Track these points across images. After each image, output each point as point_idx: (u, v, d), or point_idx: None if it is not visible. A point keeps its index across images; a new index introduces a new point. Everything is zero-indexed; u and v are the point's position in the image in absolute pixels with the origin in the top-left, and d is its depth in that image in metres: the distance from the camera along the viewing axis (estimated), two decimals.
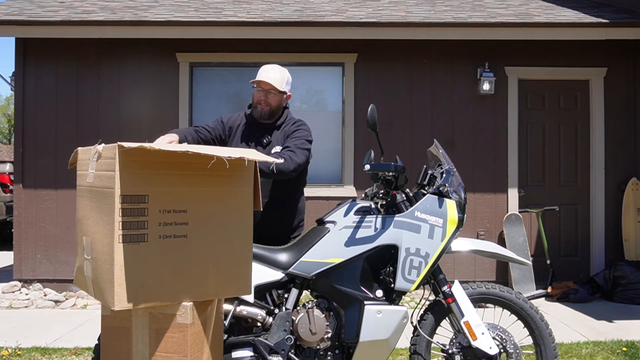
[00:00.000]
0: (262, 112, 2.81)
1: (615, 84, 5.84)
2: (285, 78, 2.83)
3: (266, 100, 2.79)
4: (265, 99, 2.78)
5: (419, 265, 2.35)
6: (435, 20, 5.45)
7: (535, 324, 2.48)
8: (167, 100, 5.79)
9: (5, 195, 9.06)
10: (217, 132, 2.85)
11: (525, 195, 5.82)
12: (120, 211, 1.71)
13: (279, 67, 2.86)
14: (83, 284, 1.97)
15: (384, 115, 5.61)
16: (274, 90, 2.78)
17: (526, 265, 3.90)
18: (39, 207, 5.69)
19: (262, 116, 2.82)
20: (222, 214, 1.96)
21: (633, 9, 5.78)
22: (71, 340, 4.04)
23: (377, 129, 2.37)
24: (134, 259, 1.75)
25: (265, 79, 2.76)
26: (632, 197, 5.69)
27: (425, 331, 2.48)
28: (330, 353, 2.40)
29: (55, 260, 5.67)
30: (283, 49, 5.74)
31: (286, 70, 2.88)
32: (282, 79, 2.80)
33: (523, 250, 5.49)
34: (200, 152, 1.75)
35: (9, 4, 5.91)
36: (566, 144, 5.95)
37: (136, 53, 5.78)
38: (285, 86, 2.84)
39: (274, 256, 2.44)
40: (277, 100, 2.81)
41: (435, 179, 2.51)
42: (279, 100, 2.83)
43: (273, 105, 2.80)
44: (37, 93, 5.74)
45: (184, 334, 1.83)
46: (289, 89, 2.88)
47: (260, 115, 2.82)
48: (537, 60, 5.84)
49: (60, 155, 5.56)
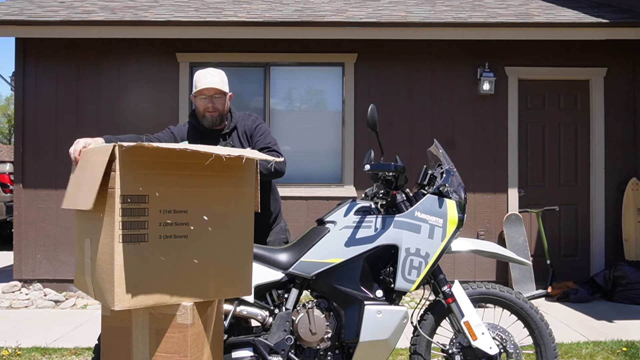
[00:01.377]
0: (212, 119, 2.73)
1: (615, 84, 5.84)
2: (224, 79, 2.77)
3: (214, 106, 2.71)
4: (212, 105, 2.70)
5: (419, 265, 2.35)
6: (435, 20, 5.45)
7: (535, 324, 2.48)
8: (167, 100, 5.79)
9: (5, 195, 9.06)
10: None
11: (525, 195, 5.82)
12: (120, 211, 1.71)
13: (215, 69, 2.78)
14: (83, 285, 1.97)
15: (384, 115, 5.61)
16: (218, 93, 2.71)
17: (526, 265, 3.90)
18: (39, 207, 5.69)
19: (213, 123, 2.74)
20: (222, 215, 1.96)
21: (633, 9, 5.78)
22: (71, 340, 4.04)
23: (377, 129, 2.37)
24: (134, 259, 1.75)
25: (207, 86, 2.68)
26: (632, 197, 5.69)
27: (425, 331, 2.48)
28: (330, 353, 2.40)
29: (55, 260, 5.67)
30: (283, 49, 5.74)
31: (222, 70, 2.81)
32: (222, 81, 2.74)
33: (523, 250, 5.49)
34: (199, 150, 1.75)
35: (9, 4, 5.91)
36: (566, 144, 5.95)
37: (136, 53, 5.78)
38: (226, 86, 2.78)
39: (274, 256, 2.44)
40: (223, 103, 2.75)
41: (435, 179, 2.51)
42: (224, 102, 2.76)
43: (220, 109, 2.73)
44: (37, 93, 5.74)
45: (184, 334, 1.83)
46: (228, 88, 2.81)
47: (212, 123, 2.74)
48: (537, 60, 5.84)
49: (60, 155, 5.56)
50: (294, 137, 5.80)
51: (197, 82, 2.71)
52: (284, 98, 5.91)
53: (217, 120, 2.75)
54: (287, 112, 5.88)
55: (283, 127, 5.80)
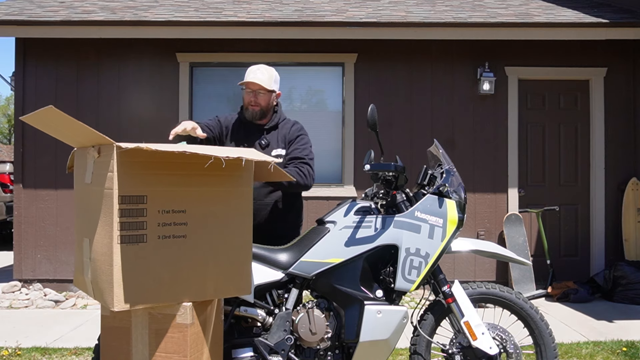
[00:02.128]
0: (253, 112, 2.82)
1: (615, 84, 5.84)
2: (272, 77, 2.84)
3: (256, 101, 2.80)
4: (254, 99, 2.80)
5: (419, 265, 2.35)
6: (435, 20, 5.45)
7: (535, 324, 2.48)
8: (167, 100, 5.79)
9: (5, 195, 9.06)
10: (216, 131, 2.87)
11: (525, 195, 5.82)
12: (118, 212, 1.71)
13: (266, 66, 2.87)
14: (82, 285, 1.97)
15: (384, 115, 5.61)
16: (262, 90, 2.79)
17: (526, 265, 3.90)
18: (39, 207, 5.69)
19: (253, 117, 2.84)
20: (221, 214, 1.96)
21: (633, 9, 5.78)
22: (71, 340, 4.04)
23: (377, 129, 2.37)
24: (133, 259, 1.75)
25: (252, 80, 2.78)
26: (632, 197, 5.69)
27: (425, 331, 2.48)
28: (330, 353, 2.40)
29: (55, 260, 5.67)
30: (283, 49, 5.74)
31: (273, 69, 2.89)
32: (269, 78, 2.82)
33: (523, 250, 5.49)
34: (198, 152, 1.75)
35: (9, 4, 5.91)
36: (566, 144, 5.94)
37: (136, 53, 5.78)
38: (274, 84, 2.85)
39: (274, 256, 2.43)
40: (267, 100, 2.82)
41: (435, 179, 2.51)
42: (269, 99, 2.84)
43: (263, 105, 2.82)
44: (37, 93, 5.74)
45: (184, 334, 1.83)
46: (277, 87, 2.89)
47: (252, 116, 2.84)
48: (537, 60, 5.83)
49: (60, 155, 5.56)
50: None
51: (247, 74, 2.82)
52: (284, 98, 5.90)
53: (257, 115, 2.83)
54: (287, 112, 5.78)
55: None
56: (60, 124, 1.76)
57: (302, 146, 2.82)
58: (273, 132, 2.88)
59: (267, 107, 2.84)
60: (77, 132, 1.79)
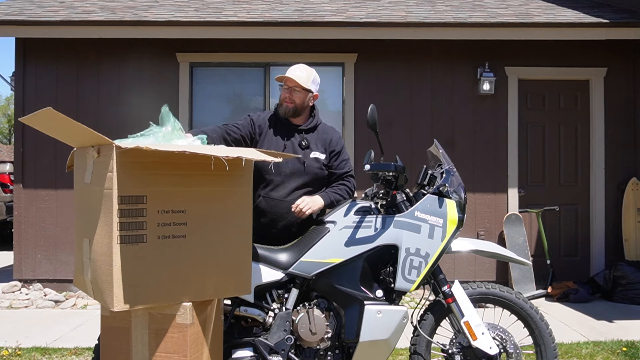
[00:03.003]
0: (286, 108, 2.81)
1: (615, 84, 5.84)
2: (311, 77, 2.84)
3: (290, 97, 2.80)
4: (289, 96, 2.80)
5: (419, 265, 2.35)
6: (435, 20, 5.45)
7: (535, 324, 2.48)
8: (167, 100, 5.74)
9: (5, 195, 9.06)
10: (246, 130, 2.82)
11: (525, 195, 5.82)
12: (118, 212, 1.71)
13: (306, 66, 2.88)
14: (82, 285, 1.97)
15: (384, 115, 5.60)
16: (298, 87, 2.79)
17: (526, 265, 3.90)
18: (39, 207, 5.69)
19: (286, 113, 2.82)
20: (221, 214, 1.96)
21: (633, 9, 5.78)
22: (71, 340, 4.04)
23: (377, 129, 2.37)
24: (132, 259, 1.75)
25: (290, 76, 2.78)
26: (632, 197, 5.69)
27: (425, 331, 2.48)
28: (330, 353, 2.40)
29: (55, 260, 5.67)
30: (283, 49, 5.73)
31: (314, 70, 2.89)
32: (307, 78, 2.82)
33: (523, 250, 5.49)
34: (198, 152, 1.75)
35: (9, 4, 5.91)
36: (566, 144, 5.94)
37: (136, 53, 5.78)
38: (312, 85, 2.84)
39: (274, 256, 2.43)
40: (302, 98, 2.81)
41: (435, 179, 2.51)
42: (304, 98, 2.82)
43: (297, 102, 2.81)
44: (37, 93, 5.74)
45: (184, 334, 1.83)
46: (315, 88, 2.89)
47: (285, 112, 2.82)
48: (537, 60, 5.83)
49: (60, 155, 5.56)
50: None
51: (287, 72, 2.82)
52: None
53: (290, 112, 2.82)
54: None
55: None
56: (59, 125, 1.76)
57: (345, 160, 2.85)
58: (312, 134, 2.86)
59: (301, 105, 2.82)
60: (76, 132, 1.80)
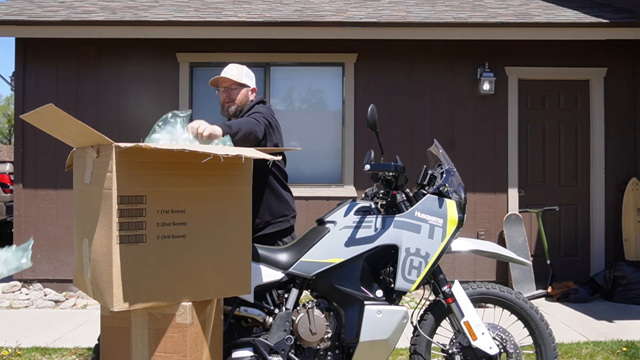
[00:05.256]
0: (229, 109, 2.80)
1: (615, 84, 5.84)
2: (243, 72, 2.82)
3: (229, 96, 2.78)
4: (228, 95, 2.78)
5: (419, 265, 2.35)
6: (435, 20, 5.45)
7: (535, 324, 2.48)
8: (167, 100, 5.79)
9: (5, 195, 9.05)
10: None
11: (525, 195, 5.82)
12: (117, 212, 1.71)
13: (234, 64, 2.85)
14: (82, 285, 1.97)
15: (384, 115, 5.61)
16: (233, 84, 2.77)
17: (526, 265, 3.90)
18: (39, 207, 5.69)
19: (230, 114, 2.80)
20: (220, 214, 1.96)
21: (633, 9, 5.78)
22: (71, 340, 4.04)
23: (377, 129, 2.37)
24: (132, 260, 1.75)
25: (222, 76, 2.76)
26: (632, 197, 5.69)
27: (425, 331, 2.48)
28: (330, 353, 2.40)
29: (55, 260, 5.67)
30: (283, 49, 5.74)
31: (245, 66, 2.86)
32: (239, 73, 2.79)
33: (523, 250, 5.49)
34: (197, 151, 1.75)
35: (9, 4, 5.91)
36: (566, 144, 5.94)
37: (136, 53, 5.78)
38: (245, 79, 2.81)
39: (274, 256, 2.43)
40: (241, 94, 2.79)
41: (435, 179, 2.51)
42: (244, 94, 2.81)
43: (237, 99, 2.78)
44: (37, 93, 5.74)
45: (183, 334, 1.83)
46: (251, 82, 2.85)
47: (229, 114, 2.80)
48: (537, 60, 5.83)
49: (60, 155, 5.56)
50: (294, 137, 5.80)
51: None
52: (284, 98, 5.91)
53: (234, 112, 2.79)
54: (287, 112, 5.88)
55: (283, 127, 5.74)
56: (60, 122, 1.76)
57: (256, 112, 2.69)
58: None
59: (242, 102, 2.80)
60: (77, 131, 1.79)
